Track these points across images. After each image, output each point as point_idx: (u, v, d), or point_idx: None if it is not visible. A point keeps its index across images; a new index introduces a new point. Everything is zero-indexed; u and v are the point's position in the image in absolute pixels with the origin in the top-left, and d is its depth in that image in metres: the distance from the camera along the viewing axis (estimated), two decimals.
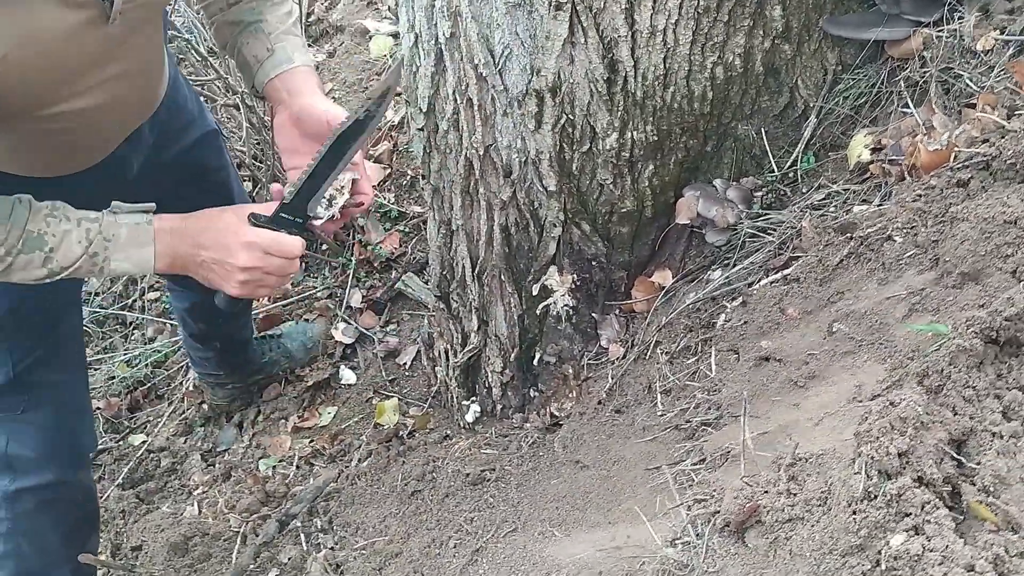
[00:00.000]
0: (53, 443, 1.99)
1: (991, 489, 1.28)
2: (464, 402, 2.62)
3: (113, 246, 1.56)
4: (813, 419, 1.63)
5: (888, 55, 2.06)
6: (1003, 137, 1.78)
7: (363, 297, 3.18)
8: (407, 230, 3.28)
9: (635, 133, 2.17)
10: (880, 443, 1.36)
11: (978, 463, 1.31)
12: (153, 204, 1.63)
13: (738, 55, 2.10)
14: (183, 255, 1.61)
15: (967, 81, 1.90)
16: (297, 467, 2.76)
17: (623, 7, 2.00)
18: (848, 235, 1.84)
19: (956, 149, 1.77)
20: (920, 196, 1.75)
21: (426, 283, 3.09)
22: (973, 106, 1.86)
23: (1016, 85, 1.87)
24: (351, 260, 3.23)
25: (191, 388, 3.15)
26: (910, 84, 1.99)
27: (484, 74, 2.15)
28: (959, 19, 1.98)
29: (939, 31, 1.96)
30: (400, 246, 3.25)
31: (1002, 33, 1.93)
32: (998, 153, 1.74)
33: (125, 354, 3.34)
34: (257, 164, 3.25)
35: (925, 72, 1.97)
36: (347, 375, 3.03)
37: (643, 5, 2.00)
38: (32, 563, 2.08)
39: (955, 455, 1.39)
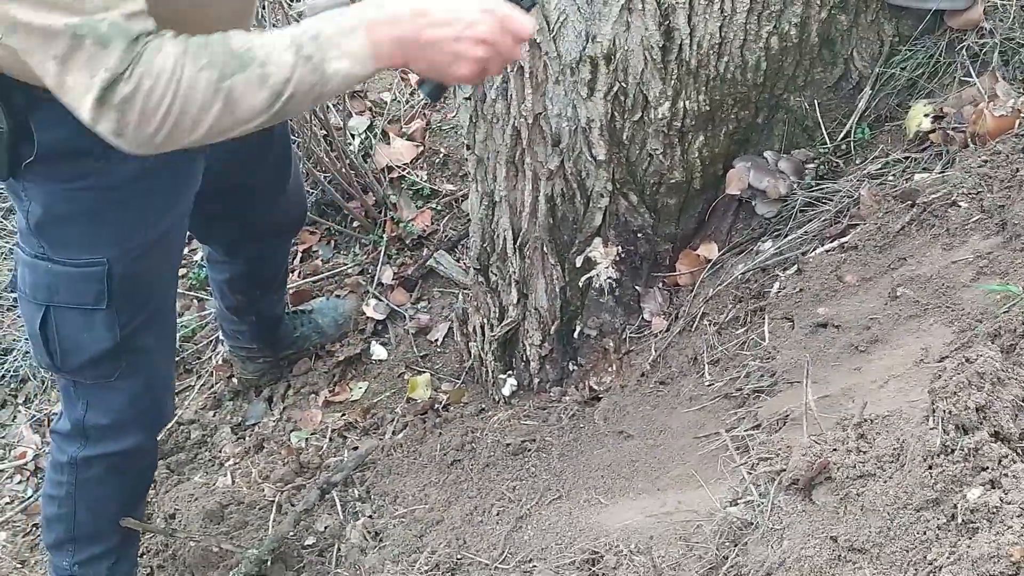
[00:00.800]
0: (140, 409, 1.97)
1: None
2: (500, 376, 2.60)
3: (326, 43, 1.33)
4: (877, 382, 1.62)
5: (947, 26, 2.06)
6: None
7: (394, 274, 3.17)
8: (439, 208, 3.27)
9: (687, 103, 2.16)
10: (957, 398, 1.35)
11: None
12: None
13: (794, 24, 2.09)
14: (401, 37, 1.34)
15: None
16: (330, 439, 2.75)
17: None
18: (910, 202, 1.83)
19: (1022, 115, 1.77)
20: (986, 162, 1.75)
21: (458, 261, 3.08)
22: None
23: None
24: (382, 237, 3.22)
25: (220, 362, 3.13)
26: (971, 54, 1.99)
27: (538, 40, 2.14)
28: None
29: (1002, 0, 1.95)
30: (432, 224, 3.24)
31: None
32: None
33: None
34: (293, 137, 3.23)
35: (984, 43, 1.96)
36: (378, 351, 3.01)
37: None
38: (84, 529, 2.09)
39: None
